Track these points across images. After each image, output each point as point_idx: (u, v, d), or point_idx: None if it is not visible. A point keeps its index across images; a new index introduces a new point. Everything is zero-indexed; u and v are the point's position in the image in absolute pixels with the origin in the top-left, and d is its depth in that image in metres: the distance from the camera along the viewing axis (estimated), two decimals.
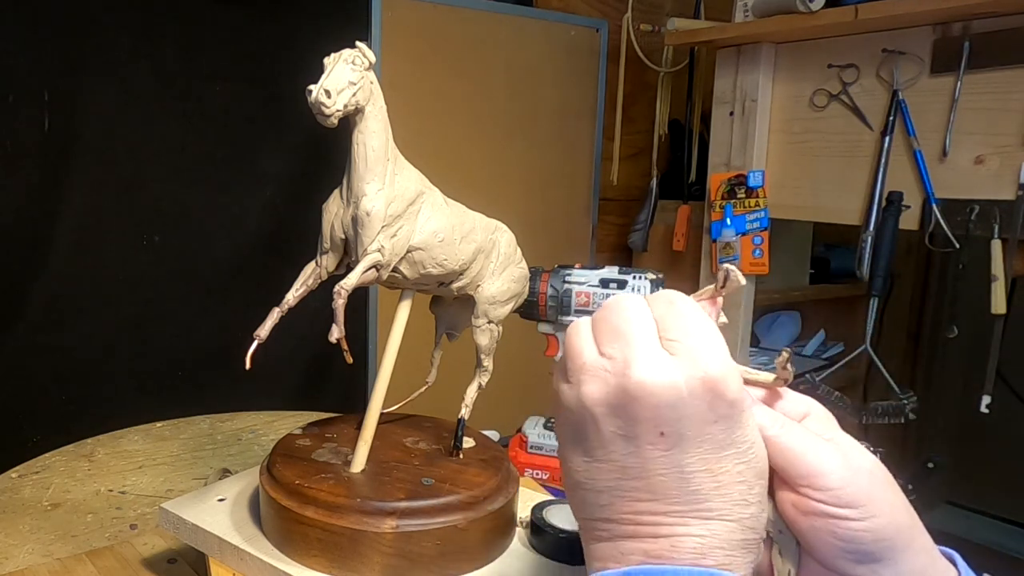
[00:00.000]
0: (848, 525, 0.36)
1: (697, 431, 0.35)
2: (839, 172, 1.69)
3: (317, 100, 0.55)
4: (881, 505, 0.37)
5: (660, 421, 0.35)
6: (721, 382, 0.35)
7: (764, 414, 0.39)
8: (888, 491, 0.38)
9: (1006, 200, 1.44)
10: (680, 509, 0.35)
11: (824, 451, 0.38)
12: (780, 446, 0.38)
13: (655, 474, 0.36)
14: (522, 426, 1.01)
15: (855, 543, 0.37)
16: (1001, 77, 1.44)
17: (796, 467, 0.37)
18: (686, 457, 0.35)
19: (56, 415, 1.55)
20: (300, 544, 0.62)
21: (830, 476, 0.37)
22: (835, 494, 0.37)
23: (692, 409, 0.35)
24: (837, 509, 0.36)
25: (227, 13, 1.65)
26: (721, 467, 0.35)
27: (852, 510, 0.36)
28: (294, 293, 0.64)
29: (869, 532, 0.36)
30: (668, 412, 0.35)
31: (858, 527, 0.36)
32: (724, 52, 1.83)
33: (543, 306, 0.94)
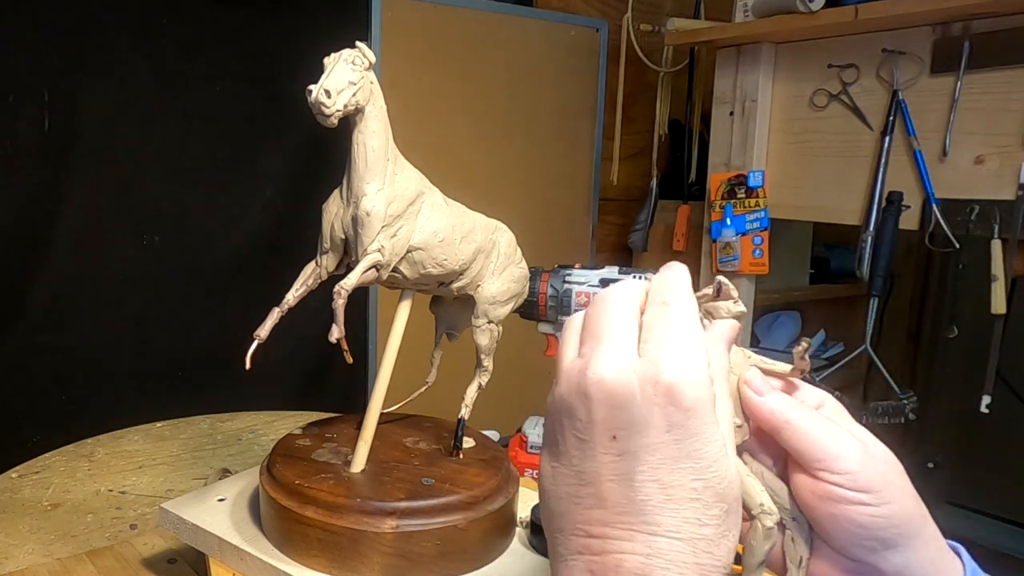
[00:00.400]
0: (865, 510, 0.36)
1: (649, 438, 0.33)
2: (839, 172, 1.69)
3: (317, 100, 0.55)
4: (895, 492, 0.37)
5: (612, 423, 0.33)
6: (676, 387, 0.33)
7: (781, 400, 0.39)
8: (901, 479, 0.38)
9: (1006, 200, 1.44)
10: (627, 520, 0.33)
11: (841, 436, 0.38)
12: (796, 429, 0.38)
13: (605, 480, 0.34)
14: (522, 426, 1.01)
15: (871, 529, 0.37)
16: (1001, 77, 1.44)
17: (813, 450, 0.37)
18: (637, 465, 0.33)
19: (56, 415, 1.55)
20: (300, 544, 0.62)
21: (848, 459, 0.37)
22: (852, 477, 0.36)
23: (644, 413, 0.33)
24: (854, 493, 0.36)
25: (227, 13, 1.65)
26: (673, 479, 0.33)
27: (868, 495, 0.36)
28: (294, 293, 0.64)
29: (884, 518, 0.37)
30: (620, 414, 0.33)
31: (874, 512, 0.36)
32: (724, 52, 1.83)
33: (543, 306, 0.94)
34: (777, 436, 0.39)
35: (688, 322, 0.35)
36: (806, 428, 0.38)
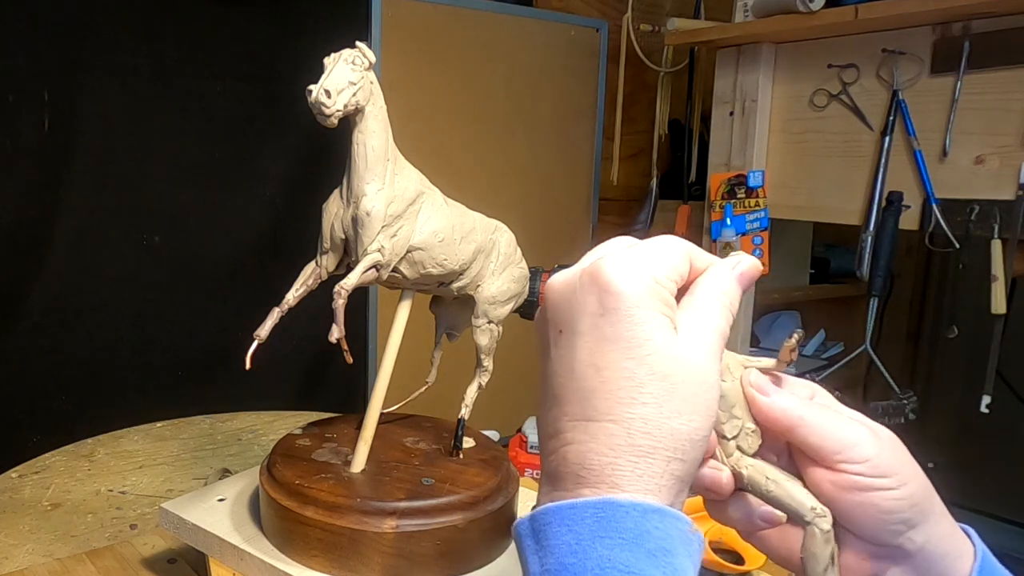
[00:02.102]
0: (888, 495, 0.37)
1: (584, 324, 0.34)
2: (839, 172, 1.69)
3: (317, 100, 0.55)
4: (908, 471, 0.37)
5: (559, 319, 0.35)
6: (604, 273, 0.34)
7: (785, 399, 0.38)
8: (907, 456, 0.38)
9: (1006, 200, 1.44)
10: (571, 411, 0.34)
11: (849, 424, 0.38)
12: (809, 425, 0.38)
13: (555, 376, 0.35)
14: (522, 426, 1.01)
15: (896, 512, 0.37)
16: (1001, 77, 1.44)
17: (829, 443, 0.37)
18: (575, 352, 0.34)
19: (56, 415, 1.55)
20: (300, 544, 0.62)
21: (863, 447, 0.37)
22: (872, 464, 0.37)
23: (580, 300, 0.34)
24: (876, 480, 0.37)
25: (227, 13, 1.65)
26: (606, 361, 0.33)
27: (888, 479, 0.37)
28: (294, 293, 0.64)
29: (906, 498, 0.37)
30: (564, 307, 0.35)
31: (897, 495, 0.37)
32: (724, 52, 1.83)
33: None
34: (789, 435, 0.38)
35: (650, 243, 0.36)
36: (817, 422, 0.38)
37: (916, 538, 0.38)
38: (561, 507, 0.32)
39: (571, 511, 0.32)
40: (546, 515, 0.32)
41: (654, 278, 0.34)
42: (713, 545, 0.78)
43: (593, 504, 0.31)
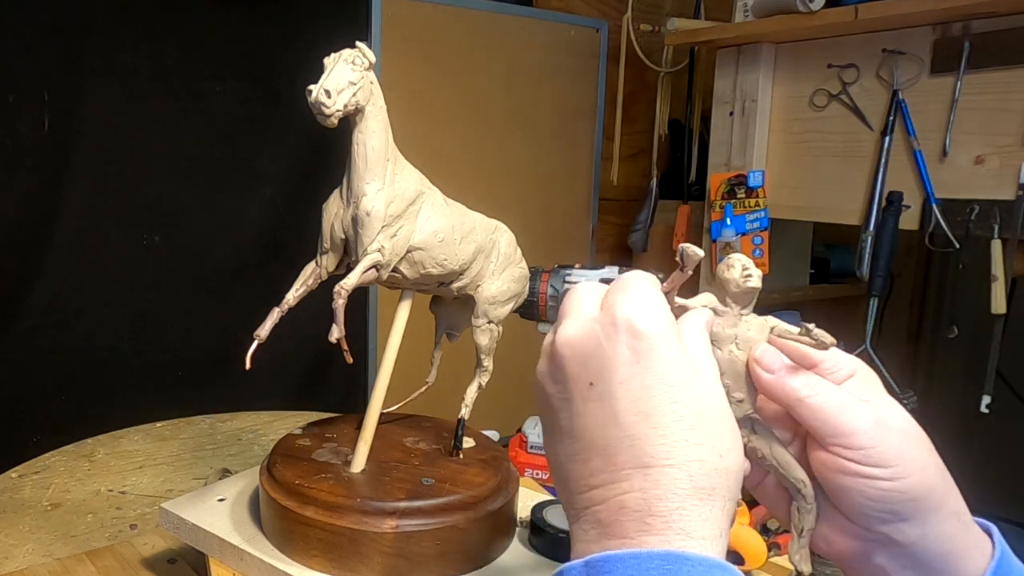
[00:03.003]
0: (878, 484, 0.37)
1: (620, 373, 0.34)
2: (839, 172, 1.69)
3: (317, 100, 0.55)
4: (912, 465, 0.37)
5: (586, 372, 0.35)
6: (632, 319, 0.34)
7: (799, 379, 0.39)
8: (920, 451, 0.38)
9: (1006, 200, 1.44)
10: (621, 461, 0.34)
11: (857, 411, 0.38)
12: (809, 407, 0.38)
13: (594, 428, 0.35)
14: (522, 426, 1.01)
15: (884, 502, 0.37)
16: (1001, 77, 1.44)
17: (828, 426, 0.38)
18: (616, 402, 0.34)
19: (56, 415, 1.55)
20: (300, 544, 0.62)
21: (861, 435, 0.37)
22: (866, 453, 0.37)
23: (610, 352, 0.35)
24: (868, 468, 0.37)
25: (227, 13, 1.65)
26: (652, 406, 0.34)
27: (882, 469, 0.37)
28: (294, 293, 0.64)
29: (898, 492, 0.37)
30: (591, 361, 0.35)
31: (887, 486, 0.37)
32: (724, 52, 1.83)
33: (543, 306, 0.94)
34: (792, 412, 0.39)
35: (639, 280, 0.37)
36: (819, 404, 0.38)
37: (910, 531, 0.38)
38: (624, 556, 0.32)
39: (635, 561, 0.31)
40: (607, 563, 0.32)
41: (670, 317, 0.36)
42: None
43: (659, 555, 0.31)
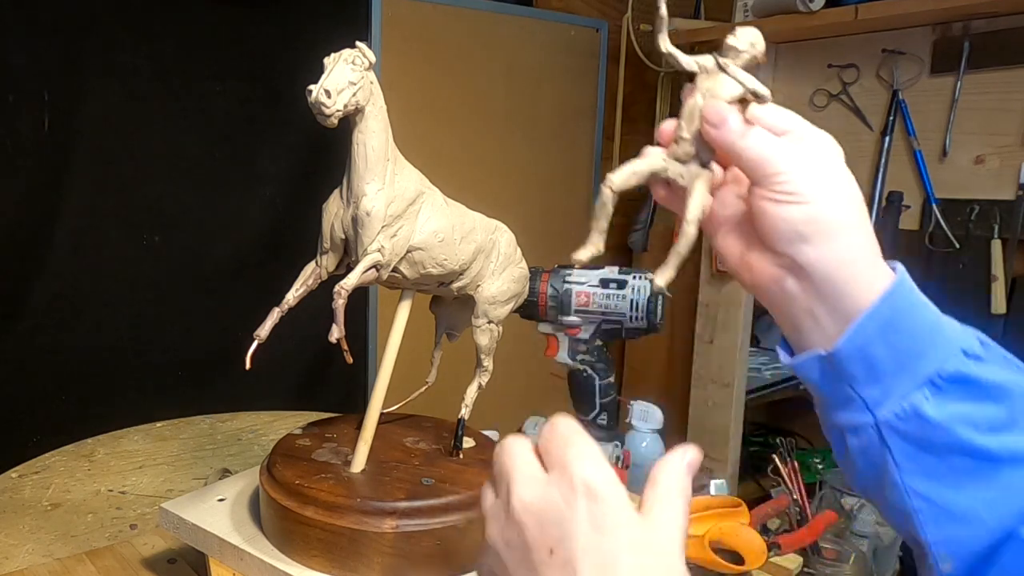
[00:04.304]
0: (787, 208, 0.44)
1: (581, 541, 0.34)
2: None
3: (317, 100, 0.55)
4: (818, 195, 0.44)
5: (546, 539, 0.35)
6: (590, 483, 0.35)
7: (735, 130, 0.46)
8: (832, 185, 0.45)
9: (1006, 200, 1.44)
10: None
11: (781, 153, 0.45)
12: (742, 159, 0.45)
13: None
14: (522, 426, 1.01)
15: (790, 223, 0.44)
16: (1001, 77, 1.44)
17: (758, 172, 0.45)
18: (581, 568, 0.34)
19: (56, 415, 1.55)
20: (300, 544, 0.62)
21: (782, 173, 0.44)
22: (783, 186, 0.44)
23: (570, 517, 0.34)
24: (782, 196, 0.44)
25: (227, 13, 1.65)
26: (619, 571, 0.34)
27: (793, 196, 0.44)
28: (294, 293, 0.64)
29: (803, 214, 0.44)
30: (551, 528, 0.35)
31: (795, 210, 0.44)
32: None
33: (543, 306, 0.94)
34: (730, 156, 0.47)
35: (577, 433, 0.37)
36: (755, 151, 0.45)
37: (809, 253, 0.44)
38: None
39: None
40: None
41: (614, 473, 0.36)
42: (713, 545, 0.78)
43: None
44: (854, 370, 0.45)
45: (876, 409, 0.44)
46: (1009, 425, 0.43)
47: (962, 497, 0.43)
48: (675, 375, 2.18)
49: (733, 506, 0.82)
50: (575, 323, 0.94)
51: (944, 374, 0.43)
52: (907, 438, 0.44)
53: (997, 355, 0.45)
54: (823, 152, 0.46)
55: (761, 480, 2.04)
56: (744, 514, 0.81)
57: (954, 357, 0.44)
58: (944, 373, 0.43)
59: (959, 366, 0.43)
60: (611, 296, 0.91)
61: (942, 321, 0.45)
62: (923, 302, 0.46)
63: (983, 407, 0.43)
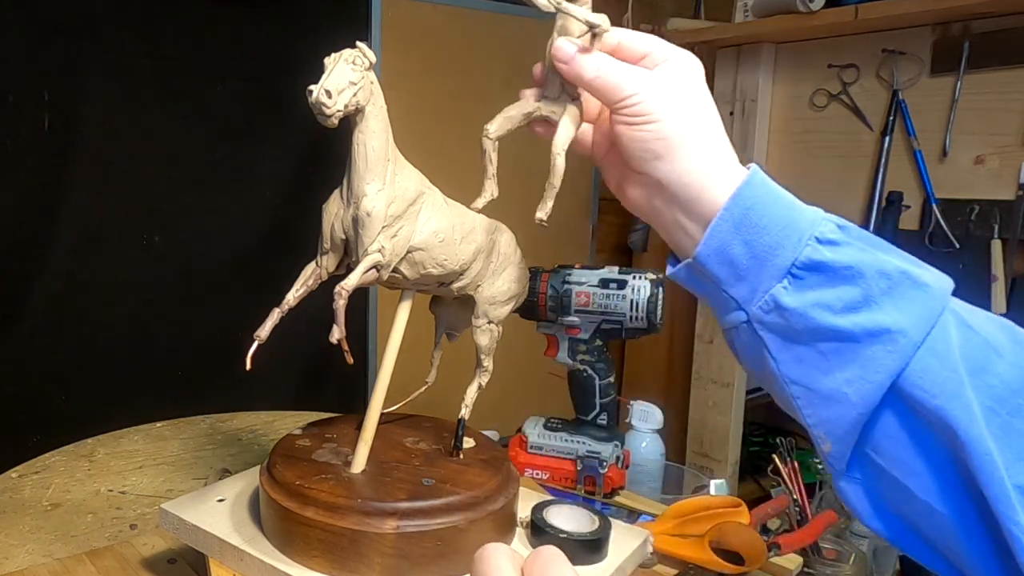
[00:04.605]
0: (639, 128, 0.48)
1: None
2: (839, 172, 1.69)
3: (318, 100, 0.55)
4: (665, 113, 0.48)
5: None
6: None
7: (587, 63, 0.50)
8: (677, 103, 0.48)
9: (1006, 200, 1.44)
10: None
11: (631, 79, 0.49)
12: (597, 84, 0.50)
13: None
14: (522, 426, 1.01)
15: (644, 142, 0.48)
16: (1001, 77, 1.44)
17: (609, 96, 0.49)
18: None
19: (56, 415, 1.55)
20: (301, 545, 0.62)
21: (632, 96, 0.48)
22: (634, 109, 0.48)
23: None
24: (634, 118, 0.48)
25: (227, 13, 1.65)
26: None
27: (643, 117, 0.48)
28: (294, 294, 0.64)
29: (652, 132, 0.48)
30: None
31: (646, 129, 0.48)
32: (724, 52, 1.83)
33: (543, 306, 0.94)
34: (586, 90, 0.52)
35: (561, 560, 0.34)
36: (602, 81, 0.49)
37: (662, 168, 0.48)
38: None
39: None
40: None
41: None
42: (713, 545, 0.78)
43: None
44: (719, 272, 0.47)
45: (747, 306, 0.47)
46: (864, 304, 0.44)
47: (830, 379, 0.45)
48: (675, 375, 2.18)
49: (733, 506, 0.82)
50: (575, 323, 0.94)
51: (799, 263, 0.45)
52: (774, 330, 0.46)
53: (856, 236, 0.46)
54: (677, 72, 0.50)
55: (761, 480, 2.04)
56: (744, 514, 0.81)
57: (808, 245, 0.45)
58: (799, 262, 0.45)
59: (811, 254, 0.45)
60: (611, 296, 0.91)
61: (798, 211, 0.47)
62: (778, 196, 0.48)
63: (838, 290, 0.44)
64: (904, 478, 0.44)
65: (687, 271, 0.49)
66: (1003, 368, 0.42)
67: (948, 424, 0.41)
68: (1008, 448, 0.40)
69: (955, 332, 0.43)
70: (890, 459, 0.45)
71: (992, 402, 0.41)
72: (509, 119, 0.58)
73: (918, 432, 0.43)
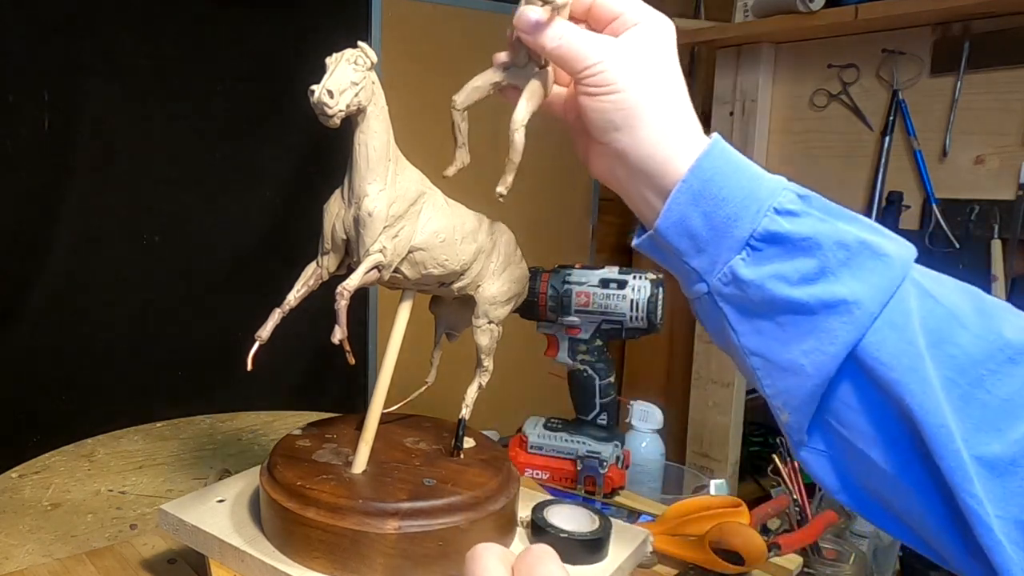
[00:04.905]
0: (600, 99, 0.48)
1: None
2: (839, 172, 1.69)
3: (320, 100, 0.55)
4: (625, 83, 0.47)
5: None
6: None
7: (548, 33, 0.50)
8: (638, 74, 0.48)
9: (1006, 200, 1.44)
10: None
11: (592, 47, 0.48)
12: (559, 53, 0.49)
13: None
14: (522, 426, 1.01)
15: (604, 112, 0.48)
16: (1001, 77, 1.44)
17: (571, 64, 0.49)
18: None
19: (56, 415, 1.55)
20: (302, 545, 0.62)
21: (593, 66, 0.48)
22: (595, 78, 0.48)
23: None
24: (595, 88, 0.48)
25: (228, 13, 1.65)
26: None
27: (604, 87, 0.47)
28: (295, 294, 0.64)
29: (612, 103, 0.47)
30: None
31: (606, 99, 0.47)
32: (724, 52, 1.83)
33: (543, 306, 0.94)
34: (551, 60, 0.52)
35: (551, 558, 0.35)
36: (564, 50, 0.49)
37: (622, 139, 0.48)
38: None
39: None
40: None
41: None
42: (713, 545, 0.78)
43: None
44: (679, 244, 0.47)
45: (707, 278, 0.47)
46: (820, 275, 0.44)
47: (787, 350, 0.45)
48: (675, 375, 2.18)
49: (733, 506, 0.82)
50: (575, 323, 0.94)
51: (757, 235, 0.44)
52: (732, 301, 0.46)
53: (817, 206, 0.45)
54: (645, 38, 0.49)
55: (761, 480, 2.05)
56: (744, 514, 0.81)
57: (766, 216, 0.44)
58: (757, 234, 0.44)
59: (768, 225, 0.44)
60: (611, 296, 0.91)
61: (759, 181, 0.46)
62: (739, 166, 0.47)
63: (795, 262, 0.44)
64: (866, 448, 0.44)
65: (650, 242, 0.49)
66: (966, 339, 0.42)
67: (901, 396, 0.41)
68: (968, 419, 0.40)
69: (916, 303, 0.43)
70: (851, 429, 0.44)
71: (953, 373, 0.41)
72: (476, 89, 0.58)
73: (877, 403, 0.43)
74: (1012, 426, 0.40)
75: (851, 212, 0.46)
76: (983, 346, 0.41)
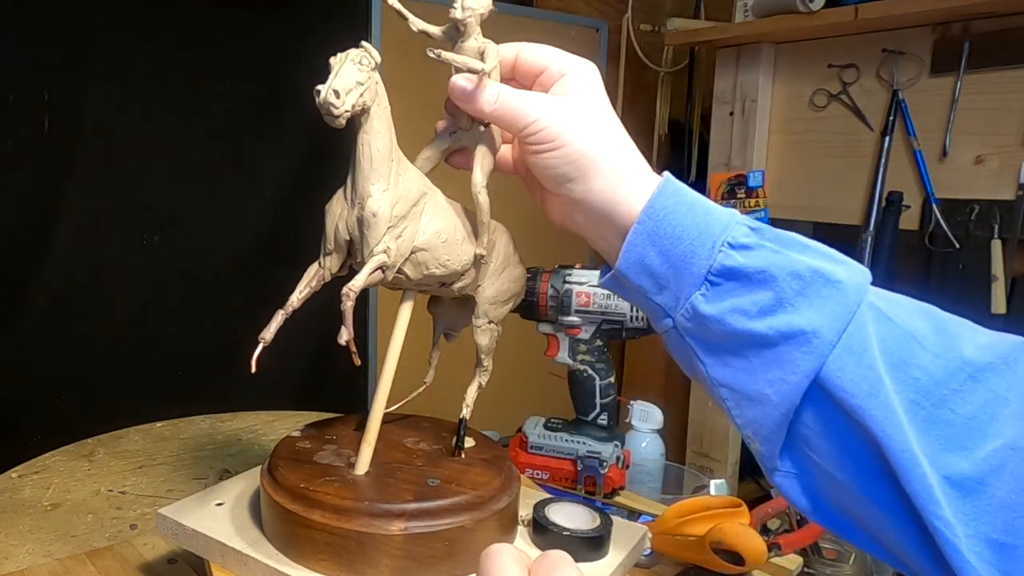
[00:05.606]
0: (547, 155, 0.49)
1: None
2: (839, 172, 1.69)
3: (326, 101, 0.55)
4: (569, 137, 0.48)
5: None
6: None
7: (484, 96, 0.51)
8: (579, 125, 0.49)
9: (1006, 200, 1.44)
10: None
11: (530, 106, 0.50)
12: (498, 114, 0.51)
13: None
14: (522, 426, 1.01)
15: (554, 168, 0.49)
16: (1001, 77, 1.44)
17: (511, 124, 0.50)
18: None
19: (56, 415, 1.55)
20: (306, 548, 0.62)
21: (533, 124, 0.49)
22: (538, 136, 0.49)
23: None
24: (539, 146, 0.49)
25: (227, 13, 1.65)
26: None
27: (548, 144, 0.49)
28: (298, 295, 0.64)
29: (560, 159, 0.49)
30: None
31: (553, 155, 0.49)
32: (724, 52, 1.83)
33: (543, 306, 0.94)
34: (491, 121, 0.53)
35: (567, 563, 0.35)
36: (502, 111, 0.51)
37: (576, 189, 0.49)
38: None
39: None
40: None
41: None
42: (713, 545, 0.78)
43: None
44: (641, 283, 0.48)
45: (672, 313, 0.48)
46: (777, 306, 0.44)
47: (753, 381, 0.45)
48: (675, 375, 2.18)
49: (733, 506, 0.82)
50: (575, 323, 0.94)
51: (714, 270, 0.45)
52: (696, 335, 0.47)
53: (770, 237, 0.46)
54: (575, 88, 0.50)
55: (761, 480, 2.05)
56: (744, 514, 0.81)
57: (721, 251, 0.45)
58: (714, 269, 0.45)
59: (724, 260, 0.45)
60: (611, 296, 0.91)
61: (712, 216, 0.47)
62: (692, 203, 0.48)
63: (753, 295, 0.45)
64: (836, 472, 0.44)
65: (614, 281, 0.50)
66: (926, 359, 0.42)
67: (865, 421, 0.41)
68: (934, 439, 0.40)
69: (873, 326, 0.43)
70: (820, 454, 0.45)
71: (916, 395, 0.41)
72: (428, 160, 0.60)
73: (843, 428, 0.43)
74: (978, 444, 0.40)
75: (804, 239, 0.46)
76: (943, 365, 0.42)
